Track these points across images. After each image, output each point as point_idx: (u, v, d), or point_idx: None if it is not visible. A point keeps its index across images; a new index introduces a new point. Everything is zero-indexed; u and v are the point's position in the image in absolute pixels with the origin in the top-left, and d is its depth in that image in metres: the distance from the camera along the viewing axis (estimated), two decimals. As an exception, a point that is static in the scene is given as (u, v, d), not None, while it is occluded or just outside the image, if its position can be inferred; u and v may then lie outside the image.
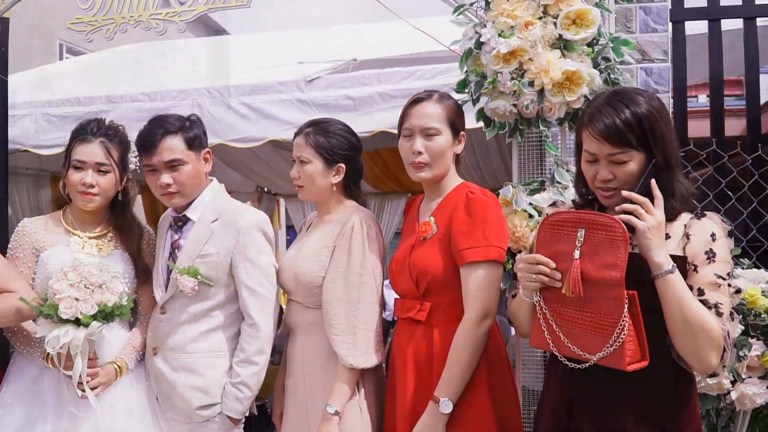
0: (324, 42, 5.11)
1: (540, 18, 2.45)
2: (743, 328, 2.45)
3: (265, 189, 7.04)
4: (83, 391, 2.33)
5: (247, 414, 2.49)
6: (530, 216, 2.46)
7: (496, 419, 2.18)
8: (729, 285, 1.80)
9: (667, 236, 1.81)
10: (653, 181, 1.76)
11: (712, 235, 1.79)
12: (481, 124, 2.69)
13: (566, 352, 1.83)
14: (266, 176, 6.30)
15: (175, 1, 3.10)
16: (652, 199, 1.74)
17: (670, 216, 1.82)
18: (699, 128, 3.49)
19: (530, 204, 2.48)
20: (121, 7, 3.14)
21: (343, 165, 2.46)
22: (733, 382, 2.46)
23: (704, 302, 1.75)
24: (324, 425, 2.29)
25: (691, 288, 1.76)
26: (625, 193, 1.75)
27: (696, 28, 3.30)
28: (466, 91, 2.64)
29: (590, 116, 1.84)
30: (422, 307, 2.27)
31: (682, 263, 1.78)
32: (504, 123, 2.62)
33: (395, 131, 2.42)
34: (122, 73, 5.21)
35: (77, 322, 2.25)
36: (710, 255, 1.77)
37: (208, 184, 2.60)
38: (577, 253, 1.76)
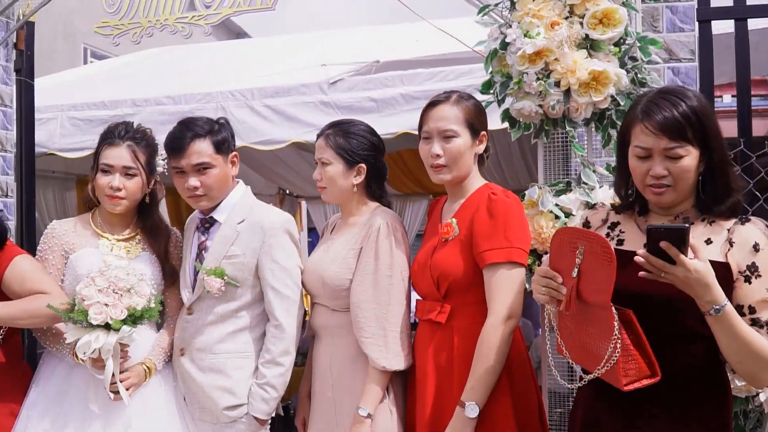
0: (346, 44, 5.12)
1: (566, 18, 2.43)
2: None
3: (287, 191, 7.06)
4: (116, 392, 2.34)
5: (273, 414, 2.50)
6: (556, 217, 2.45)
7: (518, 424, 2.16)
8: None
9: (710, 241, 1.78)
10: (665, 243, 1.59)
11: (755, 246, 1.74)
12: (503, 125, 2.68)
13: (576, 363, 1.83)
14: (288, 178, 6.32)
15: (201, 5, 3.11)
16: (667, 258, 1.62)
17: (728, 214, 1.79)
18: (724, 128, 3.44)
19: (556, 205, 2.46)
20: (147, 10, 3.16)
21: (363, 165, 2.45)
22: (763, 385, 2.42)
23: (756, 321, 1.71)
24: (356, 428, 2.28)
25: (741, 307, 1.72)
26: (639, 257, 1.63)
27: (721, 27, 3.26)
28: (491, 92, 2.63)
29: (645, 110, 1.78)
30: (443, 309, 2.26)
31: (723, 270, 1.72)
32: (529, 124, 2.61)
33: (417, 133, 2.42)
34: (146, 77, 5.25)
35: (107, 326, 2.25)
36: (754, 269, 1.73)
37: (235, 186, 2.61)
38: (575, 272, 1.73)
